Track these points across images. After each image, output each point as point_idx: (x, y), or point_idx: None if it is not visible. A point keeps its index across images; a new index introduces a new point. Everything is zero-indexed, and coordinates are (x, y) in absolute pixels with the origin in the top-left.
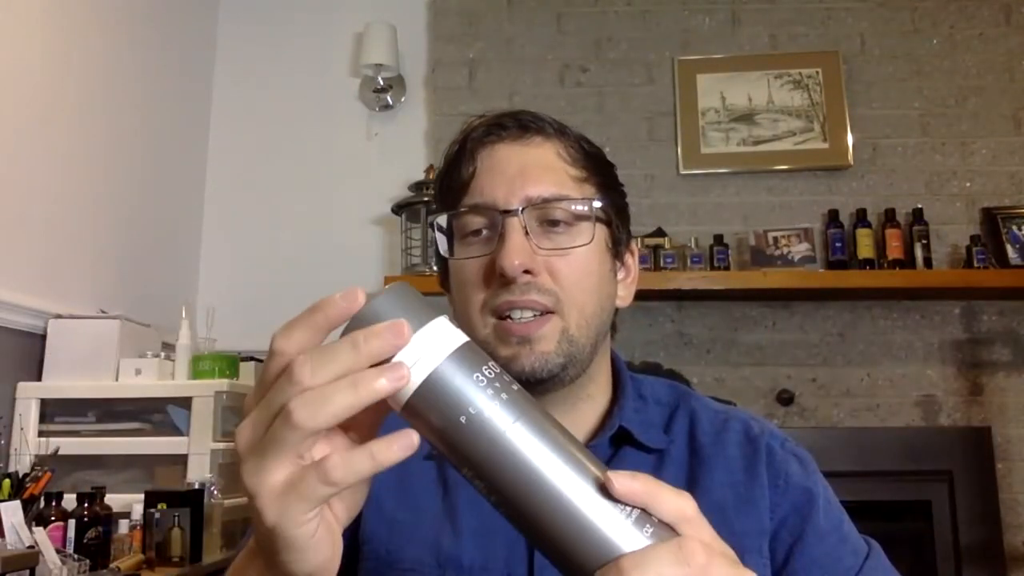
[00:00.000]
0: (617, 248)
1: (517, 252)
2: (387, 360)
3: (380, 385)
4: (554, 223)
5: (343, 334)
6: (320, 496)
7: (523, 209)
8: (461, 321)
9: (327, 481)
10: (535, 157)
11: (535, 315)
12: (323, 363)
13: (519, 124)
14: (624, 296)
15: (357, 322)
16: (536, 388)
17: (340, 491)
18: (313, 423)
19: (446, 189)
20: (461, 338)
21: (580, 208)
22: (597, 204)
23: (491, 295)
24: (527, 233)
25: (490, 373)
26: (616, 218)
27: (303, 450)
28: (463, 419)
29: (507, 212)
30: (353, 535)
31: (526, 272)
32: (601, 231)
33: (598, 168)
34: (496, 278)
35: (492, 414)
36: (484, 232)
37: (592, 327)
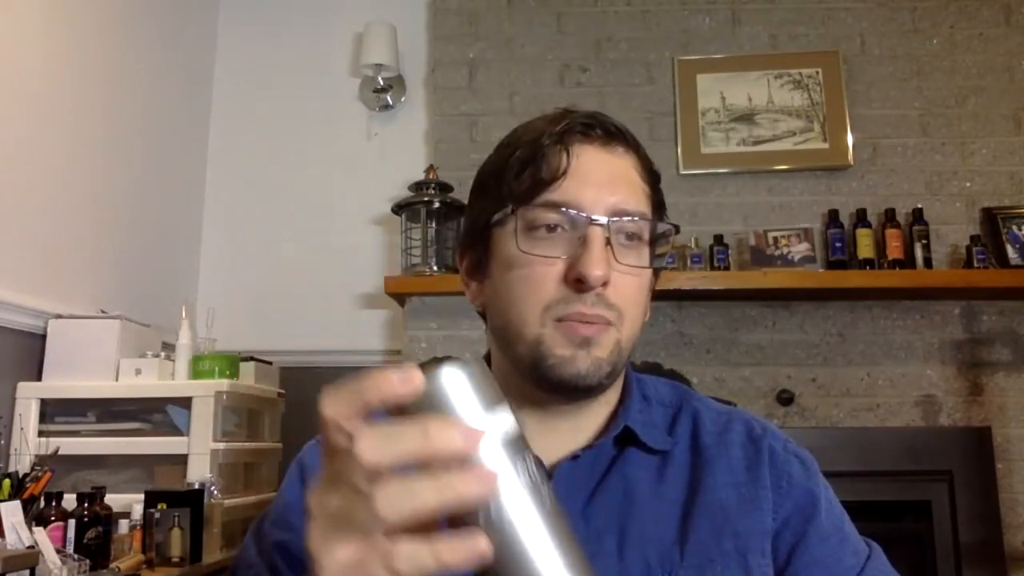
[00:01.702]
0: (658, 269)
1: (601, 263)
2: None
3: (469, 491)
4: (629, 237)
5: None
6: None
7: (609, 220)
8: (506, 315)
9: (391, 570)
10: (620, 168)
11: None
12: (386, 443)
13: (605, 130)
14: (647, 312)
15: (423, 402)
16: (577, 393)
17: None
18: (395, 517)
19: (525, 176)
20: (520, 436)
21: (653, 227)
22: (669, 227)
23: (559, 300)
24: (608, 243)
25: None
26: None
27: (377, 533)
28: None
29: (594, 220)
30: None
31: (602, 284)
32: (660, 254)
33: (658, 186)
34: (570, 283)
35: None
36: (559, 230)
37: (632, 341)
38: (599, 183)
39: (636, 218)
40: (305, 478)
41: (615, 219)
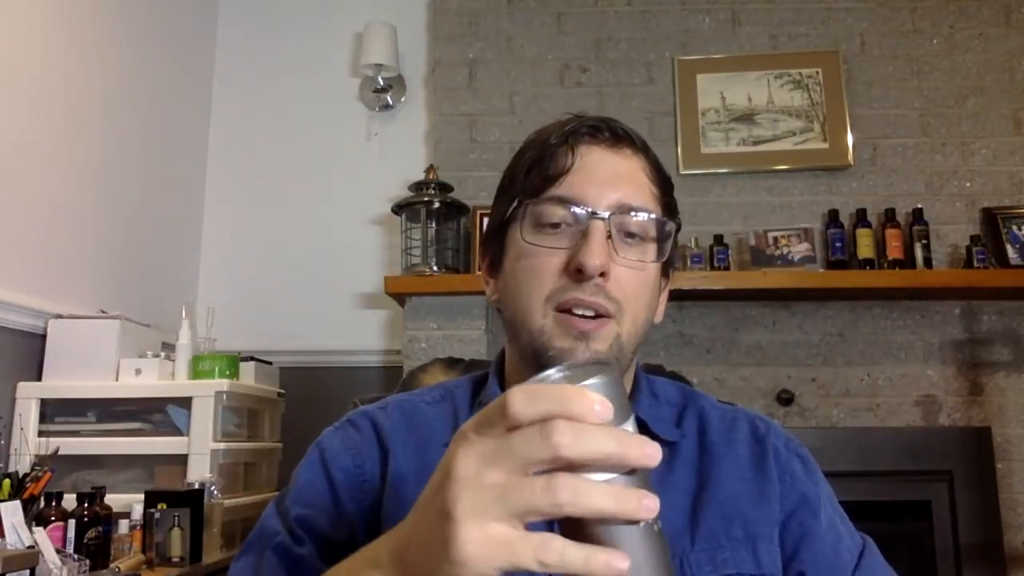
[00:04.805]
0: (668, 268)
1: (600, 253)
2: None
3: (641, 507)
4: (631, 235)
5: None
6: (525, 561)
7: (611, 215)
8: (514, 306)
9: (539, 559)
10: (625, 167)
11: (594, 316)
12: (585, 439)
13: (613, 132)
14: (659, 312)
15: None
16: None
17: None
18: (570, 508)
19: (534, 174)
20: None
21: (658, 225)
22: (673, 225)
23: (559, 288)
24: (609, 237)
25: None
26: (675, 239)
27: (536, 519)
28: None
29: (595, 215)
30: (375, 519)
31: (601, 275)
32: (665, 251)
33: (668, 190)
34: (571, 273)
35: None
36: (563, 226)
37: (637, 337)
38: (604, 180)
39: (638, 214)
40: (325, 460)
41: (617, 214)
